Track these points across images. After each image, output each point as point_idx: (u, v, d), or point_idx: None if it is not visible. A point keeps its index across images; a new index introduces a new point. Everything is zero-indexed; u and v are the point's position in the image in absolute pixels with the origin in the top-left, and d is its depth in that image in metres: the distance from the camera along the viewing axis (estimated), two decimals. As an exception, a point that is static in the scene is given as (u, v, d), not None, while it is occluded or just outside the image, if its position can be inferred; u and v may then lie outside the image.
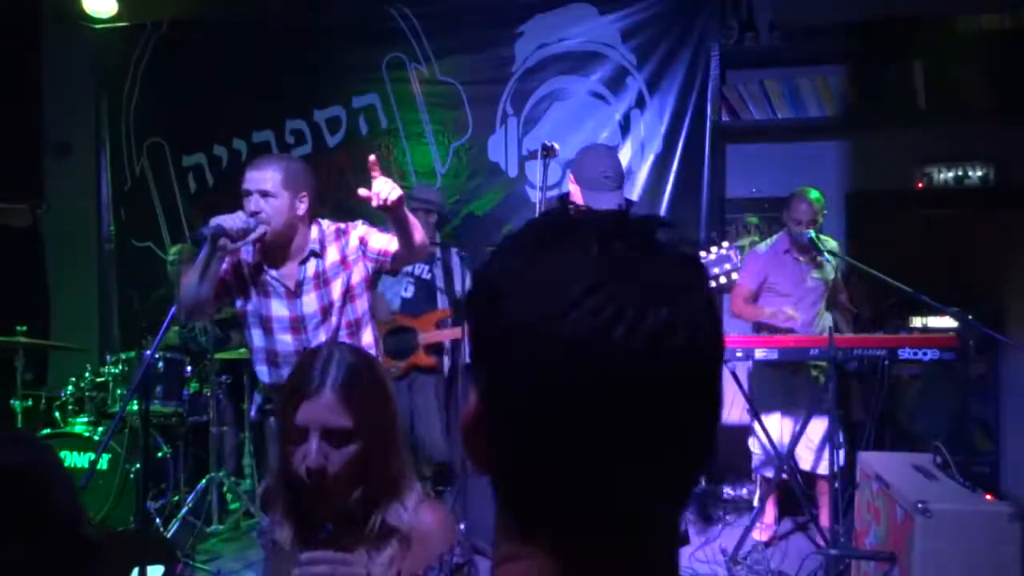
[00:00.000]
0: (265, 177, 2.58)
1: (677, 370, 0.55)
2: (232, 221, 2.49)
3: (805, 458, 3.85)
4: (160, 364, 4.09)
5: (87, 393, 4.11)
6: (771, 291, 3.88)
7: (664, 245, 0.58)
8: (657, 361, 0.54)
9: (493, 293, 0.58)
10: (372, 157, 2.45)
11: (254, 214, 2.55)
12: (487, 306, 0.58)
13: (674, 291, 0.56)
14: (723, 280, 2.87)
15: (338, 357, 1.49)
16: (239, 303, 2.75)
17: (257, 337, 2.75)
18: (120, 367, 4.17)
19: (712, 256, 2.85)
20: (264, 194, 2.57)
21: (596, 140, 4.64)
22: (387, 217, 2.53)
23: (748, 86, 4.65)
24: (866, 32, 4.37)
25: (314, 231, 2.71)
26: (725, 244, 2.87)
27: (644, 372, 0.53)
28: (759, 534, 3.93)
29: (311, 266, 2.69)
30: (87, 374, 4.17)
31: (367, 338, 2.82)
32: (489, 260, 0.61)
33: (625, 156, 4.66)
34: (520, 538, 0.59)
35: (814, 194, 3.79)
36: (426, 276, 4.27)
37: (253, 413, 3.02)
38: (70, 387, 4.15)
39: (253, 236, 2.54)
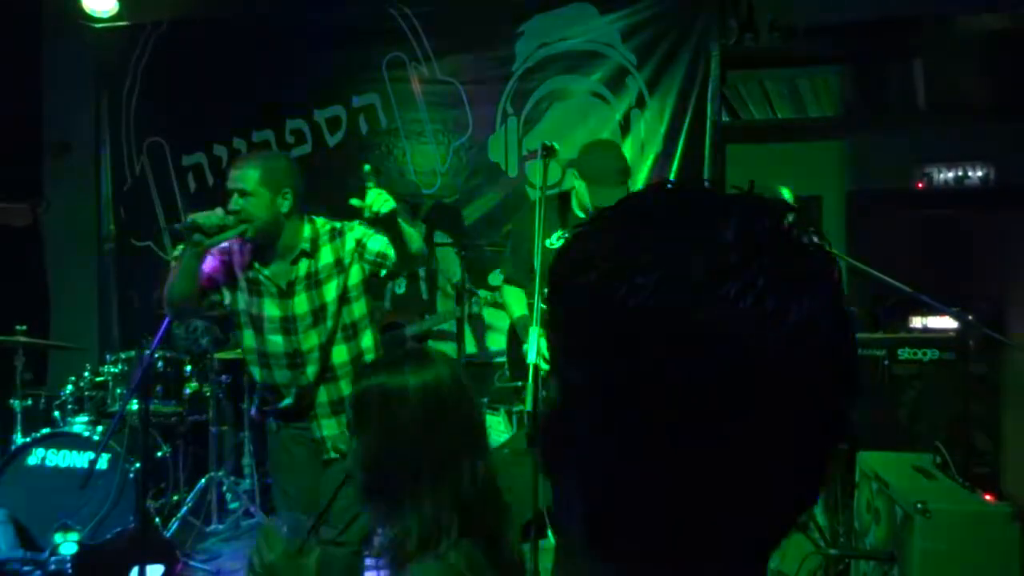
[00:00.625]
0: (243, 176, 2.59)
1: (813, 376, 0.47)
2: (207, 217, 2.52)
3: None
4: (160, 364, 4.09)
5: (87, 393, 4.10)
6: None
7: (799, 233, 0.50)
8: (794, 361, 0.46)
9: (594, 273, 0.49)
10: (367, 168, 2.45)
11: (233, 213, 2.56)
12: (584, 288, 0.49)
13: (815, 284, 0.48)
14: None
15: (368, 379, 1.54)
16: (228, 301, 2.75)
17: (248, 337, 2.74)
18: (120, 367, 4.17)
19: None
20: (243, 193, 2.57)
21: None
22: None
23: (748, 86, 4.64)
24: (866, 32, 4.37)
25: (307, 229, 2.69)
26: None
27: (778, 372, 0.45)
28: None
29: (303, 266, 2.67)
30: (87, 373, 4.17)
31: (366, 342, 2.79)
32: (580, 236, 0.52)
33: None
34: (591, 556, 0.51)
35: (786, 192, 3.79)
36: None
37: (253, 413, 3.02)
38: (70, 387, 4.14)
39: (231, 233, 2.56)
